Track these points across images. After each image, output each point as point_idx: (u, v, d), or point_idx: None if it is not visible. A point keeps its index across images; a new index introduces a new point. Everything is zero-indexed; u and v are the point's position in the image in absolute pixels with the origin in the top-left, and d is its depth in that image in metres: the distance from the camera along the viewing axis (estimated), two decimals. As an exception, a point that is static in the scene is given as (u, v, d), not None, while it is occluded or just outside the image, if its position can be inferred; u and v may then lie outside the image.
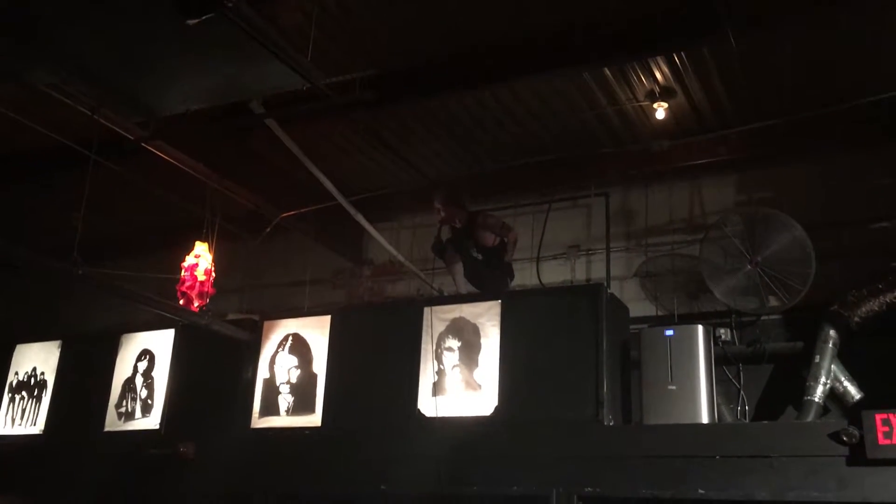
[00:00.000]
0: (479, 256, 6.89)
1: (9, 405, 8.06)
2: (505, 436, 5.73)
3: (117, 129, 6.07)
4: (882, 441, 4.63)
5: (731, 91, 6.44)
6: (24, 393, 8.01)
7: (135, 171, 7.26)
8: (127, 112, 5.86)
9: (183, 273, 6.70)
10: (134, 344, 7.61)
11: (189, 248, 6.86)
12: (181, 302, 6.62)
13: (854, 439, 4.71)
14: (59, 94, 5.56)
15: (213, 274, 6.79)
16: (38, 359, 8.09)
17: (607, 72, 6.25)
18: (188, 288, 6.64)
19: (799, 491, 4.77)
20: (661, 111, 6.57)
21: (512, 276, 7.04)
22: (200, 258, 6.76)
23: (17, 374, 8.15)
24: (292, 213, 7.86)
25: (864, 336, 5.89)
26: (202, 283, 6.66)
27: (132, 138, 6.21)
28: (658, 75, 6.29)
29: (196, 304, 6.62)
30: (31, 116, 6.28)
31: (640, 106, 6.67)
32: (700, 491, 5.04)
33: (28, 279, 8.44)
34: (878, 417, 4.68)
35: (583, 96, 6.61)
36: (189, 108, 5.42)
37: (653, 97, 6.50)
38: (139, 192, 7.87)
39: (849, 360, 5.96)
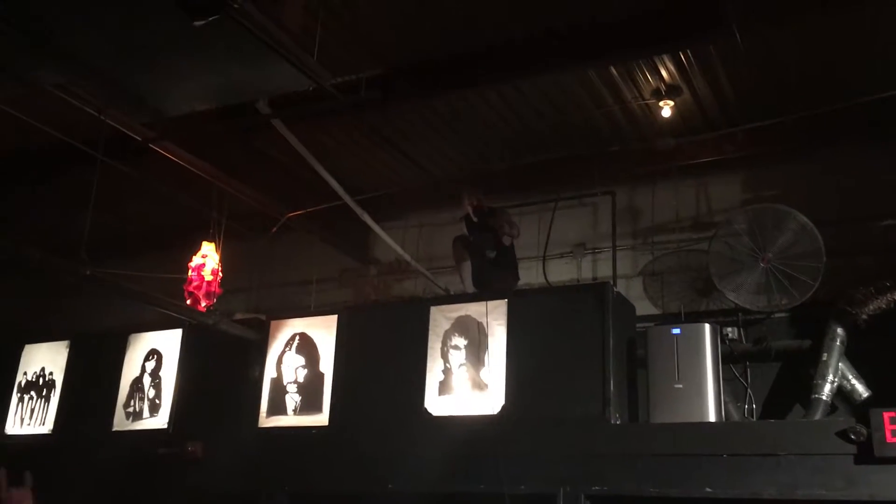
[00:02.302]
0: (493, 255, 6.89)
1: (18, 405, 8.09)
2: (512, 434, 5.73)
3: (124, 130, 6.09)
4: (890, 439, 4.62)
5: (737, 89, 6.43)
6: (32, 393, 8.04)
7: (142, 171, 7.28)
8: (134, 112, 5.87)
9: (190, 273, 6.72)
10: (142, 344, 7.63)
11: (196, 248, 6.88)
12: (188, 302, 6.64)
13: (862, 437, 4.70)
14: (66, 95, 5.57)
15: (220, 274, 6.81)
16: (47, 359, 8.12)
17: (613, 70, 6.25)
18: (195, 288, 6.67)
19: (806, 489, 4.76)
20: (667, 109, 6.58)
21: (517, 279, 7.05)
22: (207, 258, 6.78)
23: (25, 374, 8.18)
24: (298, 212, 7.87)
25: (872, 334, 5.87)
26: (209, 282, 6.69)
27: (139, 139, 6.23)
28: (664, 73, 6.28)
29: (203, 303, 6.65)
30: (39, 117, 6.31)
31: (646, 104, 6.67)
32: (707, 489, 5.03)
33: (36, 279, 8.47)
34: (886, 416, 4.67)
35: (589, 95, 6.61)
36: (195, 109, 5.42)
37: (659, 95, 6.51)
38: (146, 192, 7.89)
39: (856, 357, 5.95)
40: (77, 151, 6.40)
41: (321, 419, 6.54)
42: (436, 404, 6.13)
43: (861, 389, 5.88)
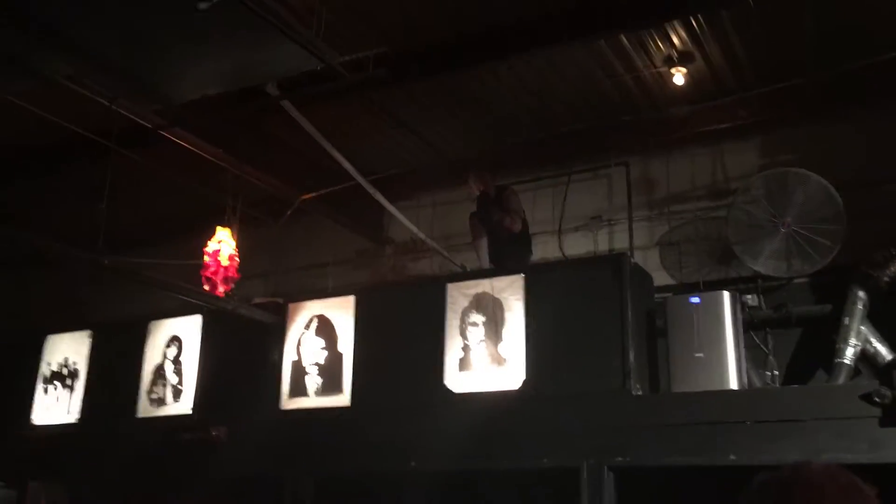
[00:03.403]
0: (504, 235, 6.88)
1: (43, 395, 8.19)
2: (533, 409, 5.73)
3: (136, 119, 6.10)
4: (915, 401, 4.58)
5: (750, 53, 6.33)
6: (57, 383, 8.12)
7: (155, 160, 7.29)
8: (144, 101, 5.88)
9: (206, 258, 6.75)
10: (162, 331, 7.69)
11: (212, 234, 6.90)
12: (206, 287, 6.67)
13: (886, 400, 4.67)
14: (77, 86, 5.58)
15: (237, 259, 6.84)
16: (70, 349, 8.20)
17: (624, 39, 6.17)
18: (213, 273, 6.69)
19: (831, 453, 4.72)
20: (679, 76, 6.49)
21: (531, 253, 7.03)
22: (223, 243, 6.80)
23: (49, 364, 8.26)
24: (312, 195, 7.87)
25: (894, 296, 5.81)
26: (226, 268, 6.72)
27: (151, 127, 6.24)
28: (675, 40, 6.19)
29: (221, 289, 6.68)
30: (51, 109, 6.32)
31: (658, 72, 6.58)
32: (731, 457, 5.02)
33: (56, 270, 8.54)
34: (910, 377, 4.63)
35: (599, 65, 6.53)
36: (205, 94, 5.42)
37: (671, 62, 6.41)
38: (160, 180, 7.91)
39: (879, 320, 5.89)
40: (90, 142, 6.42)
41: (342, 400, 6.58)
42: (456, 381, 6.14)
43: (884, 352, 5.82)
